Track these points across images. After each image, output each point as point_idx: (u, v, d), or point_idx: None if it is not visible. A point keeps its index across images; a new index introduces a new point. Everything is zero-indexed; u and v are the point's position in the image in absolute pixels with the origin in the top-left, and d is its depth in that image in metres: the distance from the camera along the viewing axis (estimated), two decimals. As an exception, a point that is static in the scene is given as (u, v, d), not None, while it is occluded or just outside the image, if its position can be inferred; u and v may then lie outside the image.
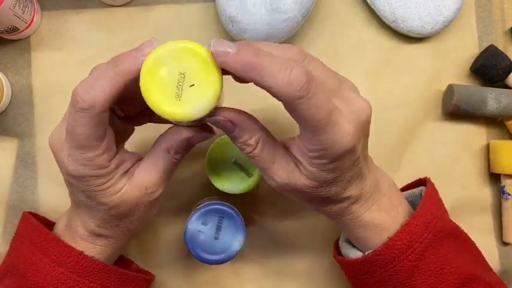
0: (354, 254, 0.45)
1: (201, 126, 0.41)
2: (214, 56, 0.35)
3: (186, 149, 0.41)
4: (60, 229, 0.44)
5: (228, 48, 0.35)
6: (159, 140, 0.41)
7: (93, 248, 0.43)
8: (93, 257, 0.42)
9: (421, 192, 0.48)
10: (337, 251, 0.49)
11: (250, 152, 0.39)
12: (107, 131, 0.38)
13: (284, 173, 0.39)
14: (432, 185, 0.47)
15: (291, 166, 0.39)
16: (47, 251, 0.42)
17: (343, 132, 0.36)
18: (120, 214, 0.41)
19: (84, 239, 0.43)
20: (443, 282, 0.42)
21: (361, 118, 0.38)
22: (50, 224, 0.47)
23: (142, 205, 0.41)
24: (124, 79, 0.36)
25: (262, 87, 0.35)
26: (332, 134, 0.36)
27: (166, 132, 0.41)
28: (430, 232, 0.42)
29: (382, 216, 0.42)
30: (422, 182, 0.50)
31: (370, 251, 0.43)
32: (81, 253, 0.42)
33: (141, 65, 0.36)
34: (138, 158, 0.42)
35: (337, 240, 0.51)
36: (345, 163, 0.38)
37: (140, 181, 0.40)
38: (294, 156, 0.39)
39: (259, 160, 0.39)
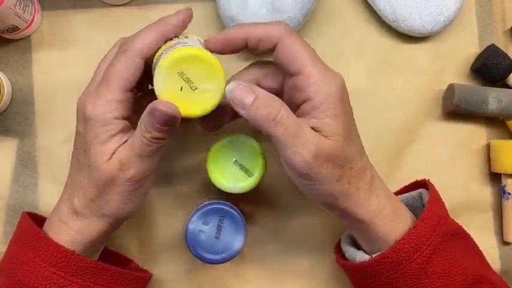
0: (361, 257, 0.45)
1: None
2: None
3: (154, 128, 0.39)
4: (46, 222, 0.44)
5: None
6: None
7: (66, 233, 0.42)
8: (71, 250, 0.41)
9: (421, 195, 0.48)
10: (339, 254, 0.49)
11: (276, 116, 0.39)
12: (133, 87, 0.41)
13: (313, 137, 0.39)
14: (434, 186, 0.47)
15: (313, 132, 0.40)
16: (38, 251, 0.41)
17: (333, 72, 0.41)
18: (98, 183, 0.41)
19: (61, 220, 0.42)
20: (450, 284, 0.42)
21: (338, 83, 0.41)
22: None
23: (118, 183, 0.41)
24: (161, 34, 0.42)
25: (254, 40, 0.42)
26: (326, 68, 0.41)
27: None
28: (438, 234, 0.42)
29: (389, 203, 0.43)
30: (419, 184, 0.50)
31: (377, 254, 0.42)
32: (73, 252, 0.41)
33: (177, 29, 0.43)
34: None
35: (338, 245, 0.51)
36: (349, 106, 0.42)
37: (119, 155, 0.41)
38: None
39: (288, 124, 0.39)
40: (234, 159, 0.47)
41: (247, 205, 0.54)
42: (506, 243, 0.56)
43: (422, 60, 0.56)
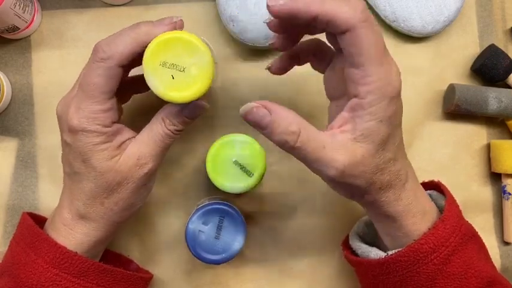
0: (376, 253, 0.44)
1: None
2: (271, 8, 0.37)
3: (180, 121, 0.42)
4: (46, 224, 0.44)
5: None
6: (156, 114, 0.43)
7: (72, 237, 0.42)
8: (74, 251, 0.41)
9: (431, 196, 0.47)
10: (348, 251, 0.48)
11: (295, 143, 0.37)
12: (115, 93, 0.41)
13: (341, 151, 0.38)
14: (447, 188, 0.47)
15: (344, 140, 0.38)
16: (41, 252, 0.41)
17: (396, 71, 0.39)
18: (109, 185, 0.41)
19: (66, 225, 0.42)
20: (465, 286, 0.42)
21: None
22: None
23: (131, 180, 0.42)
24: (140, 42, 0.40)
25: (324, 20, 0.37)
26: (389, 69, 0.38)
27: (164, 106, 0.43)
28: (457, 236, 0.42)
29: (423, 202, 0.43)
30: (427, 185, 0.49)
31: (394, 251, 0.42)
32: (76, 254, 0.41)
33: (158, 35, 0.40)
34: (133, 136, 0.43)
35: (345, 241, 0.50)
36: (397, 110, 0.39)
37: (133, 151, 0.42)
38: (341, 129, 0.39)
39: (307, 150, 0.37)
40: (234, 159, 0.47)
41: (247, 205, 0.54)
42: (506, 243, 0.56)
43: (422, 60, 0.56)
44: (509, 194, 0.54)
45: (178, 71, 0.40)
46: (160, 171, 0.53)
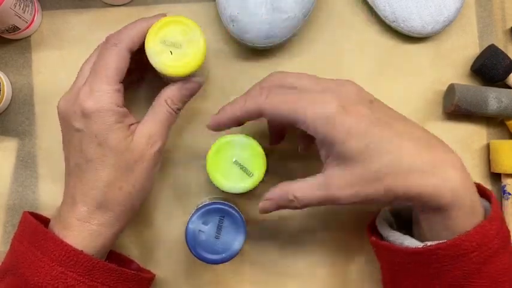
0: (410, 242, 0.43)
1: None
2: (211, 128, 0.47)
3: (180, 100, 0.47)
4: (52, 223, 0.45)
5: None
6: (157, 97, 0.47)
7: (87, 232, 0.43)
8: (80, 250, 0.42)
9: None
10: (376, 236, 0.48)
11: (299, 206, 0.44)
12: (123, 77, 0.45)
13: (337, 183, 0.41)
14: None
15: (334, 172, 0.42)
16: (46, 250, 0.42)
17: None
18: (127, 165, 0.43)
19: (81, 219, 0.43)
20: None
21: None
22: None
23: (146, 159, 0.45)
24: (143, 31, 0.45)
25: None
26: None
27: (163, 89, 0.47)
28: (500, 238, 0.41)
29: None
30: None
31: (435, 243, 0.41)
32: (81, 252, 0.42)
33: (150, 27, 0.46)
34: (136, 121, 0.46)
35: (370, 226, 0.50)
36: (342, 127, 0.41)
37: (144, 130, 0.45)
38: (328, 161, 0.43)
39: (311, 202, 0.43)
40: (234, 159, 0.47)
41: (247, 205, 0.54)
42: (506, 244, 0.56)
43: (422, 61, 0.56)
44: (509, 194, 0.54)
45: (175, 47, 0.45)
46: (161, 171, 0.54)
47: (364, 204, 0.41)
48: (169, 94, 0.46)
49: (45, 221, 0.46)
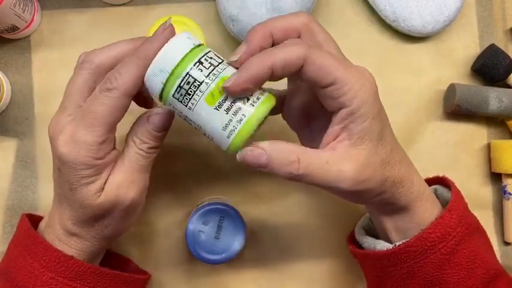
0: (382, 245, 0.44)
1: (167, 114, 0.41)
2: (229, 89, 0.37)
3: (148, 137, 0.40)
4: (42, 228, 0.44)
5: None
6: (126, 136, 0.41)
7: (67, 250, 0.42)
8: (70, 255, 0.41)
9: (436, 190, 0.47)
10: (355, 246, 0.48)
11: (298, 170, 0.37)
12: (116, 124, 0.39)
13: (345, 160, 0.38)
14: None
15: (344, 149, 0.38)
16: (37, 255, 0.41)
17: (361, 67, 0.40)
18: (94, 216, 0.41)
19: (61, 240, 0.42)
20: (473, 277, 0.42)
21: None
22: None
23: (116, 210, 0.41)
24: (144, 66, 0.38)
25: (280, 69, 0.37)
26: (355, 69, 0.39)
27: (130, 128, 0.42)
28: (463, 226, 0.42)
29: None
30: (431, 181, 0.49)
31: (402, 242, 0.42)
32: (71, 257, 0.41)
33: (156, 50, 0.38)
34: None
35: (350, 237, 0.50)
36: (380, 102, 0.40)
37: (114, 184, 0.40)
38: (337, 140, 0.39)
39: (313, 172, 0.37)
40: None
41: (247, 205, 0.54)
42: (506, 243, 0.56)
43: (422, 60, 0.56)
44: (510, 194, 0.54)
45: None
46: (160, 171, 0.53)
47: (360, 196, 0.41)
48: (135, 132, 0.40)
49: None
